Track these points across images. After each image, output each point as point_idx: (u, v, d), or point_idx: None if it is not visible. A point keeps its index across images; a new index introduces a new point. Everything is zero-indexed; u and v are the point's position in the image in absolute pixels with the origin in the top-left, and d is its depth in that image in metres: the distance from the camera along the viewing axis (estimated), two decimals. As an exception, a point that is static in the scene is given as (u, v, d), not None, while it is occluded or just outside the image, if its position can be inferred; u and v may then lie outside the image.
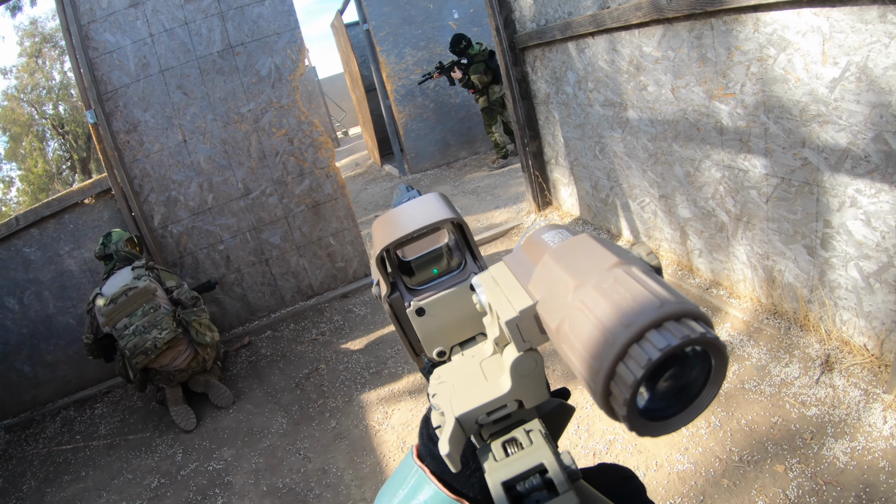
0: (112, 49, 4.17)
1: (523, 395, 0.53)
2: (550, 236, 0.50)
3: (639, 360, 0.34)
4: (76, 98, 14.68)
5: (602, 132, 3.96)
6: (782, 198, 2.78)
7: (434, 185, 7.71)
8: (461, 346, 0.66)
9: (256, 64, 4.35)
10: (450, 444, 0.51)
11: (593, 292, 0.38)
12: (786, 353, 2.79)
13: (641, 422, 0.38)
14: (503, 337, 0.51)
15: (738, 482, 2.24)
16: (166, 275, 3.82)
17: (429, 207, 0.67)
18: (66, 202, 4.31)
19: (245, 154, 4.45)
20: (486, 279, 0.53)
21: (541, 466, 0.49)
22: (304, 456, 3.18)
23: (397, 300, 0.66)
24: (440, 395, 0.57)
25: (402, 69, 7.88)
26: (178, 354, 3.61)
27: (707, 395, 0.39)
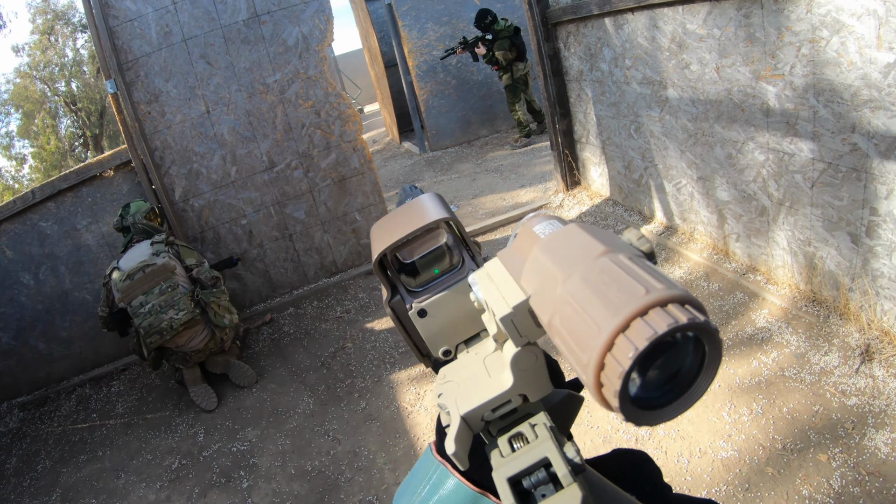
0: (133, 17, 4.13)
1: (526, 389, 0.54)
2: (541, 228, 0.51)
3: (626, 350, 0.34)
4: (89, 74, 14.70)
5: (638, 111, 3.93)
6: (828, 183, 2.76)
7: (455, 163, 7.68)
8: (466, 344, 0.67)
9: (283, 33, 4.32)
10: (456, 443, 0.52)
11: (580, 283, 0.39)
12: (825, 342, 2.79)
13: (636, 411, 0.38)
14: (501, 333, 0.52)
15: (782, 471, 2.26)
16: (186, 251, 3.75)
17: (421, 209, 0.69)
18: (83, 175, 4.28)
19: (270, 126, 4.44)
20: (482, 276, 0.54)
21: (545, 461, 0.50)
22: (333, 438, 3.16)
23: (399, 303, 0.67)
24: (446, 395, 0.58)
25: (424, 45, 7.82)
26: (195, 335, 3.57)
27: (702, 383, 0.39)
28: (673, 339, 0.36)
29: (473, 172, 7.04)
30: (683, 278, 3.58)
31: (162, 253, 3.58)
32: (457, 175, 7.15)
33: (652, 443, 2.49)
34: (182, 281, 3.55)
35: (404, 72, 7.94)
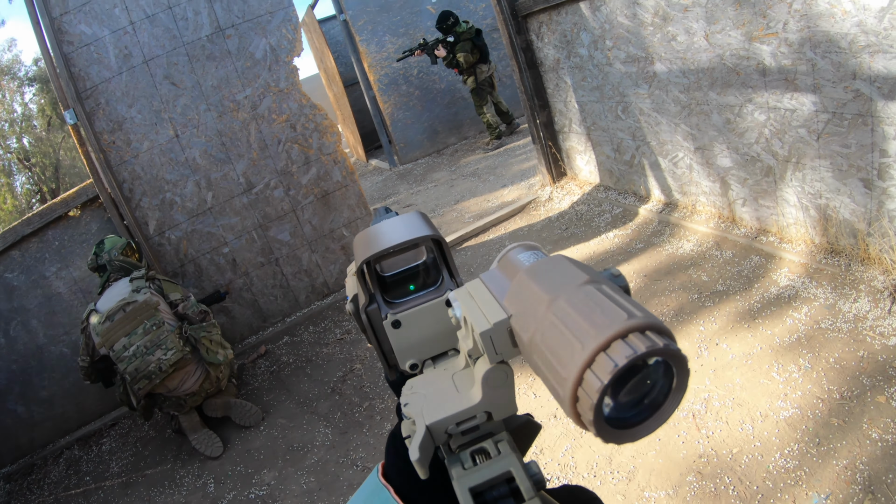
0: (89, 41, 3.98)
1: (493, 407, 0.56)
2: (526, 256, 0.54)
3: (605, 367, 0.37)
4: (40, 128, 14.34)
5: (625, 90, 3.96)
6: (834, 133, 2.81)
7: (429, 173, 7.64)
8: (433, 361, 0.70)
9: (250, 46, 4.22)
10: (420, 451, 0.53)
11: (565, 305, 0.42)
12: (852, 290, 2.82)
13: (607, 428, 0.40)
14: (476, 349, 0.54)
15: (847, 419, 2.24)
16: (170, 286, 3.54)
17: (410, 225, 0.71)
18: (48, 216, 4.06)
19: (244, 145, 4.31)
20: (463, 294, 0.56)
21: (508, 474, 0.52)
22: (362, 467, 2.97)
23: (374, 312, 0.70)
24: (412, 405, 0.60)
25: (383, 58, 7.81)
26: (187, 376, 3.33)
27: (671, 404, 0.42)
28: (645, 363, 0.40)
29: (450, 179, 7.01)
30: (693, 251, 3.59)
31: (143, 289, 3.36)
32: (433, 184, 7.12)
33: (710, 415, 2.44)
34: (168, 318, 3.33)
35: (366, 87, 7.90)
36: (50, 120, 14.05)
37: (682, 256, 3.59)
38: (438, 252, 0.73)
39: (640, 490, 2.22)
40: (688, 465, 2.26)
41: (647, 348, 0.36)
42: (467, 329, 0.55)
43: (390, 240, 0.67)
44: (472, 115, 8.32)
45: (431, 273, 0.72)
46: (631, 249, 3.88)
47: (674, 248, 3.69)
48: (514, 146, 7.25)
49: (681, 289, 3.31)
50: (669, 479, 2.23)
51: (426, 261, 0.73)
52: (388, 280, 0.73)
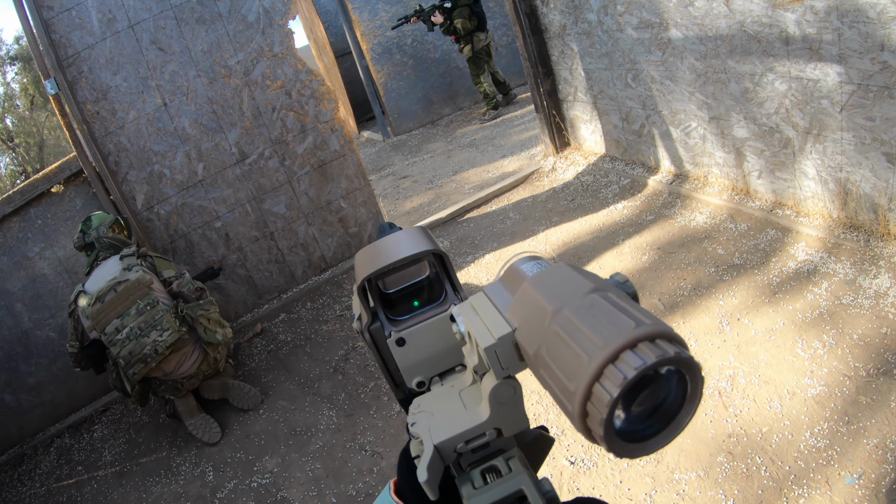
0: (70, 6, 3.77)
1: (502, 423, 0.56)
2: (529, 266, 0.53)
3: (615, 379, 0.36)
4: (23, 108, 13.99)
5: (636, 57, 3.86)
6: (858, 105, 2.75)
7: (424, 144, 7.51)
8: (440, 377, 0.69)
9: (242, 8, 4.04)
10: (428, 472, 0.53)
11: (570, 317, 0.41)
12: (871, 265, 2.79)
13: (619, 443, 0.39)
14: (482, 365, 0.53)
15: (875, 397, 2.22)
16: (163, 263, 3.39)
17: (412, 240, 0.71)
18: (29, 194, 3.87)
19: (237, 113, 4.16)
20: (466, 308, 0.56)
21: (520, 492, 0.52)
22: (372, 452, 2.86)
23: (378, 330, 0.69)
24: (419, 424, 0.59)
25: (376, 26, 7.60)
26: (185, 358, 3.19)
27: (685, 414, 0.41)
28: (656, 373, 0.38)
29: (447, 150, 6.89)
30: (706, 223, 3.54)
31: (134, 267, 3.20)
32: (429, 155, 6.99)
33: (737, 393, 2.41)
34: (162, 297, 3.18)
35: (359, 56, 7.70)
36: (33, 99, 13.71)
37: (696, 229, 3.53)
38: (441, 266, 0.72)
39: (669, 472, 2.19)
40: (717, 445, 2.23)
41: (658, 357, 0.36)
42: (472, 344, 0.54)
43: (390, 256, 0.67)
44: (468, 85, 8.17)
45: (435, 287, 0.72)
46: (642, 221, 3.82)
47: (686, 221, 3.64)
48: (511, 117, 7.13)
49: (696, 262, 3.26)
50: (699, 459, 2.20)
51: (429, 275, 0.73)
52: (392, 297, 0.72)
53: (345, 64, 8.81)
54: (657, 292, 3.16)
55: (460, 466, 0.58)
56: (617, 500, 2.16)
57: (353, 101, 9.35)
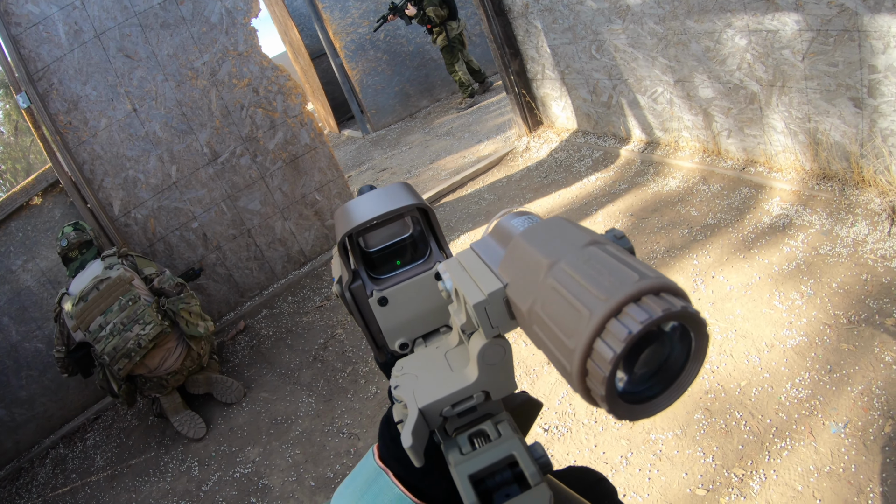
0: (37, 20, 3.66)
1: (490, 385, 0.52)
2: (520, 221, 0.50)
3: (618, 334, 0.32)
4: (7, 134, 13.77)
5: (598, 28, 3.69)
6: (820, 52, 2.60)
7: (403, 137, 7.33)
8: (425, 339, 0.65)
9: (205, 11, 3.89)
10: (413, 437, 0.49)
11: (567, 269, 0.37)
12: (848, 214, 2.64)
13: (621, 404, 0.36)
14: (470, 324, 0.49)
15: (857, 343, 2.07)
16: (143, 262, 3.33)
17: (394, 195, 0.65)
18: (8, 207, 3.77)
19: (206, 113, 4.00)
20: (453, 265, 0.51)
21: (510, 458, 0.48)
22: (348, 434, 2.80)
23: (359, 289, 0.64)
24: (403, 387, 0.56)
25: (348, 24, 7.42)
26: (168, 354, 3.11)
27: (690, 373, 0.37)
28: (660, 329, 0.35)
29: (425, 141, 6.72)
30: (679, 187, 3.38)
31: (115, 265, 3.16)
32: (407, 147, 6.83)
33: (714, 349, 2.25)
34: (143, 293, 3.12)
35: (332, 55, 7.52)
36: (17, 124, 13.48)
37: (669, 193, 3.37)
38: (425, 223, 0.67)
39: (645, 433, 2.03)
40: (694, 403, 2.07)
41: (664, 311, 0.32)
42: (459, 302, 0.50)
43: (371, 211, 0.62)
44: (444, 76, 7.99)
45: (419, 246, 0.67)
46: (615, 191, 3.65)
47: (659, 187, 3.48)
48: (487, 103, 6.96)
49: (670, 225, 3.10)
50: (676, 418, 2.04)
51: (413, 233, 0.68)
52: (374, 256, 0.67)
53: (322, 65, 8.63)
54: (631, 257, 3.00)
55: (446, 432, 0.53)
56: (592, 464, 2.01)
57: (333, 102, 9.16)
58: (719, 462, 1.85)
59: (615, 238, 0.43)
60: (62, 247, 3.37)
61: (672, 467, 1.89)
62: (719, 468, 1.83)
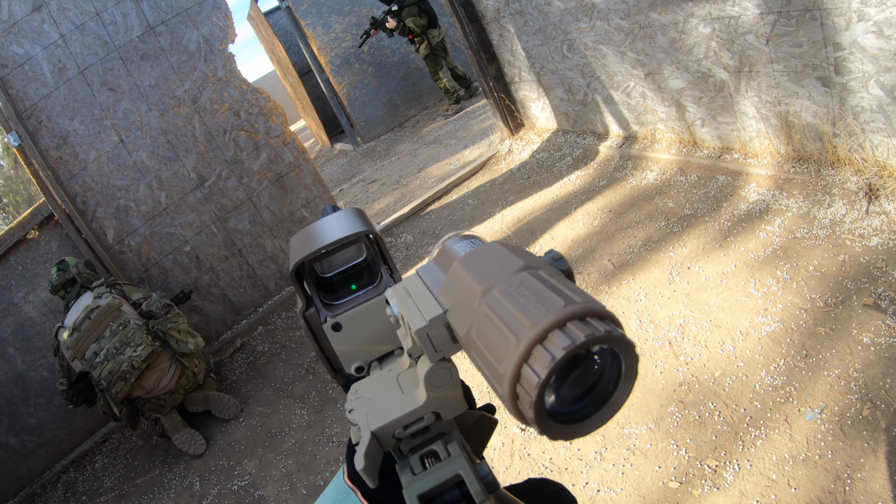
0: (22, 61, 3.70)
1: (439, 406, 0.52)
2: (462, 245, 0.50)
3: (543, 360, 0.33)
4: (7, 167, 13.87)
5: (567, 27, 3.66)
6: (783, 33, 2.54)
7: (392, 147, 7.32)
8: (379, 362, 0.65)
9: (182, 40, 3.90)
10: (366, 459, 0.49)
11: (498, 296, 0.37)
12: (825, 195, 2.57)
13: (552, 424, 0.36)
14: (416, 348, 0.48)
15: (834, 326, 2.00)
16: (131, 288, 3.40)
17: (344, 222, 0.66)
18: (7, 242, 3.82)
19: (191, 139, 4.01)
20: (399, 291, 0.52)
21: (457, 478, 0.48)
22: (338, 443, 2.82)
23: (313, 316, 0.65)
24: (357, 410, 0.56)
25: (331, 38, 7.42)
26: (163, 374, 3.15)
27: (621, 393, 0.38)
28: (588, 352, 0.36)
29: (413, 150, 6.70)
30: (657, 180, 3.32)
31: (104, 294, 3.22)
32: (396, 157, 6.80)
33: (688, 341, 2.20)
34: (133, 317, 3.17)
35: (318, 71, 7.53)
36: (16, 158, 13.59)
37: (647, 187, 3.32)
38: (376, 248, 0.68)
39: (619, 428, 1.98)
40: (668, 396, 2.02)
41: (587, 336, 0.32)
42: (405, 327, 0.50)
43: (322, 239, 0.62)
44: (430, 85, 7.97)
45: (372, 270, 0.68)
46: (594, 188, 3.60)
47: (637, 181, 3.42)
48: (473, 108, 6.93)
49: (647, 219, 3.05)
50: (650, 412, 1.99)
51: (366, 257, 0.68)
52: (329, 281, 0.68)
53: (310, 81, 8.65)
54: (607, 253, 2.95)
55: (401, 452, 0.54)
56: (567, 462, 1.96)
57: (324, 117, 9.16)
58: (693, 454, 1.80)
59: (553, 260, 0.44)
60: (49, 290, 3.46)
61: (645, 461, 1.84)
62: (692, 460, 1.78)
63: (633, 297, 2.57)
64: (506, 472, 2.05)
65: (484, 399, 2.33)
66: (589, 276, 2.88)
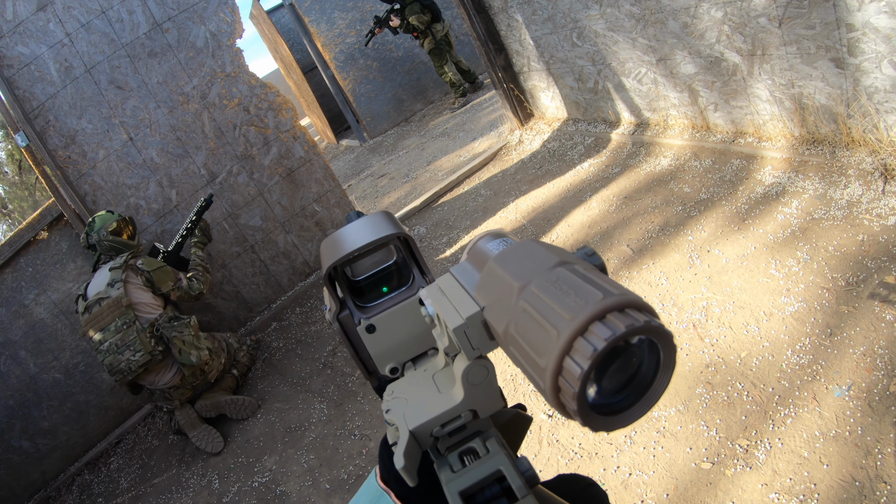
0: (28, 61, 3.71)
1: (477, 404, 0.53)
2: (495, 244, 0.51)
3: (584, 352, 0.33)
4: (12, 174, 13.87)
5: (577, 15, 3.66)
6: (796, 15, 2.54)
7: (399, 142, 7.33)
8: (413, 362, 0.66)
9: (190, 36, 3.91)
10: (405, 458, 0.50)
11: (537, 291, 0.38)
12: (840, 176, 2.58)
13: (594, 416, 0.37)
14: (453, 346, 0.50)
15: (857, 305, 2.02)
16: (160, 276, 3.27)
17: (375, 225, 0.67)
18: (17, 244, 3.82)
19: (200, 136, 4.02)
20: (433, 291, 0.53)
21: (498, 473, 0.49)
22: (360, 436, 2.80)
23: (347, 318, 0.66)
24: (394, 410, 0.57)
25: (336, 35, 7.43)
26: (164, 372, 3.18)
27: (660, 383, 0.39)
28: (627, 343, 0.36)
29: (421, 143, 6.71)
30: (671, 165, 3.33)
31: (117, 283, 3.16)
32: (404, 151, 6.81)
33: (712, 323, 2.21)
34: (145, 312, 3.17)
35: (323, 67, 7.53)
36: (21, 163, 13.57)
37: (661, 172, 3.33)
38: (407, 250, 0.68)
39: (648, 412, 1.99)
40: (695, 378, 2.04)
41: (627, 327, 0.33)
42: (441, 326, 0.51)
43: (354, 243, 0.63)
44: (435, 78, 7.97)
45: (403, 272, 0.69)
46: (608, 175, 3.62)
47: (651, 167, 3.43)
48: (480, 101, 6.92)
49: (664, 204, 3.06)
50: (678, 394, 2.01)
51: (397, 260, 0.69)
52: (361, 284, 0.69)
53: (314, 78, 8.65)
54: (625, 239, 2.96)
55: (438, 451, 0.55)
56: (597, 447, 1.98)
57: (329, 114, 9.17)
58: (723, 434, 1.81)
59: (586, 255, 0.45)
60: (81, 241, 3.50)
61: (676, 443, 1.86)
62: (723, 440, 1.80)
63: (654, 282, 2.58)
64: (535, 458, 2.07)
65: (511, 400, 2.35)
66: (609, 262, 2.89)
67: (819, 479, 1.60)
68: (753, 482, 1.67)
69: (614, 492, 1.85)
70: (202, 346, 3.25)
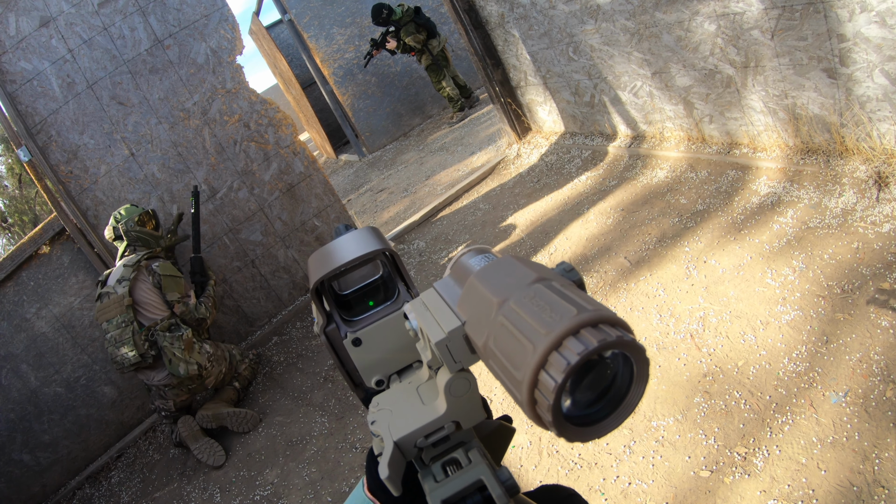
0: (31, 76, 3.76)
1: (459, 416, 0.54)
2: (476, 260, 0.53)
3: (559, 365, 0.34)
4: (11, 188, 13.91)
5: (572, 30, 3.71)
6: (788, 27, 2.59)
7: (398, 157, 7.37)
8: (399, 375, 0.67)
9: (191, 53, 3.96)
10: (389, 468, 0.51)
11: (514, 307, 0.39)
12: (834, 185, 2.61)
13: (569, 427, 0.38)
14: (436, 360, 0.51)
15: (853, 312, 2.04)
16: (170, 283, 3.33)
17: (361, 240, 0.68)
18: (19, 258, 3.85)
19: (201, 151, 4.06)
20: (417, 305, 0.54)
21: (479, 483, 0.50)
22: (361, 449, 2.81)
23: (334, 332, 0.67)
24: (379, 422, 0.58)
25: (334, 50, 7.51)
26: (157, 371, 3.26)
27: (634, 396, 0.40)
28: (601, 357, 0.38)
29: (419, 158, 6.75)
30: (667, 177, 3.36)
31: (124, 281, 3.24)
32: (403, 166, 6.85)
33: (709, 333, 2.23)
34: (149, 313, 3.24)
35: (322, 82, 7.60)
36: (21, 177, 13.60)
37: (658, 184, 3.36)
38: (392, 265, 0.70)
39: (646, 421, 2.00)
40: (693, 387, 2.05)
41: (600, 342, 0.34)
42: (425, 340, 0.52)
43: (341, 258, 0.65)
44: (433, 93, 8.04)
45: (389, 287, 0.70)
46: (605, 188, 3.65)
47: (648, 179, 3.46)
48: (478, 115, 6.98)
49: (660, 215, 3.08)
50: (676, 403, 2.02)
51: (383, 274, 0.71)
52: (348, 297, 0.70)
53: (313, 93, 8.73)
54: (623, 251, 2.98)
55: (422, 461, 0.56)
56: (596, 457, 1.99)
57: (328, 129, 9.23)
58: (721, 443, 1.82)
59: (564, 271, 0.46)
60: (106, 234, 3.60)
61: (675, 452, 1.87)
62: (722, 448, 1.81)
63: (651, 293, 2.60)
64: (535, 469, 2.07)
65: (497, 413, 2.35)
66: (606, 273, 2.91)
67: (817, 485, 1.61)
68: (752, 489, 1.68)
69: (614, 501, 1.86)
70: (191, 362, 3.26)
